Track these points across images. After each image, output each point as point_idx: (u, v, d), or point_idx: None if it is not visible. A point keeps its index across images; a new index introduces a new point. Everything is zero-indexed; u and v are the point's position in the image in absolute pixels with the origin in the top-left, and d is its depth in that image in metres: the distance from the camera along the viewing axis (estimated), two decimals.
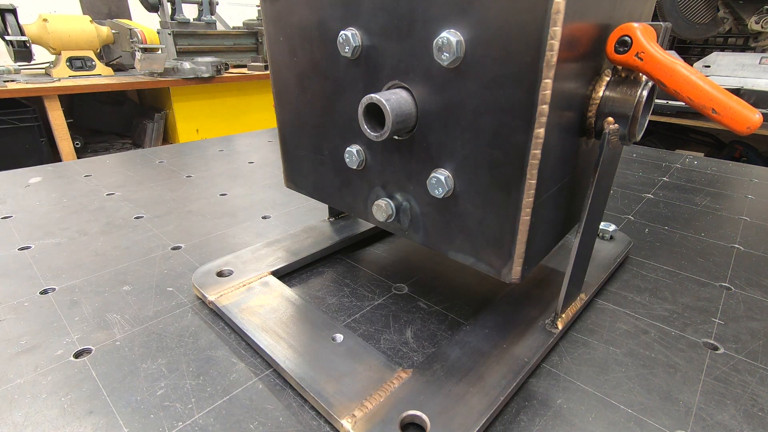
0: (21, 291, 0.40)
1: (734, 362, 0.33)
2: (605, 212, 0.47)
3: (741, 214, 0.60)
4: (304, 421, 0.27)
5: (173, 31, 2.06)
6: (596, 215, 0.33)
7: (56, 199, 0.62)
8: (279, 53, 0.35)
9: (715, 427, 0.28)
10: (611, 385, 0.31)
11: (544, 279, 0.40)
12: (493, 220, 0.27)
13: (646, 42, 0.25)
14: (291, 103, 0.37)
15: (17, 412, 0.28)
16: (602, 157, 0.28)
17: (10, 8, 1.64)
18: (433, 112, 0.27)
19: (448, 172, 0.28)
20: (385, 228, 0.34)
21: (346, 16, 0.29)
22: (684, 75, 0.25)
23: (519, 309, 0.36)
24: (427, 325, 0.36)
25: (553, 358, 0.33)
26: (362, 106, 0.27)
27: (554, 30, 0.21)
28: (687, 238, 0.53)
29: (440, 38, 0.24)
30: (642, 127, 0.28)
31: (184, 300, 0.39)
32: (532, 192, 0.25)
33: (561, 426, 0.27)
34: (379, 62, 0.28)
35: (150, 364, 0.31)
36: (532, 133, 0.24)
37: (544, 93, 0.22)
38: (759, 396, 0.30)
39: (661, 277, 0.44)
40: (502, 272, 0.28)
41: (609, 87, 0.28)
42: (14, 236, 0.51)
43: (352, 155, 0.33)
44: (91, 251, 0.48)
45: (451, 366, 0.30)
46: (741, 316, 0.38)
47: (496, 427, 0.27)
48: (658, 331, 0.36)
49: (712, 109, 0.24)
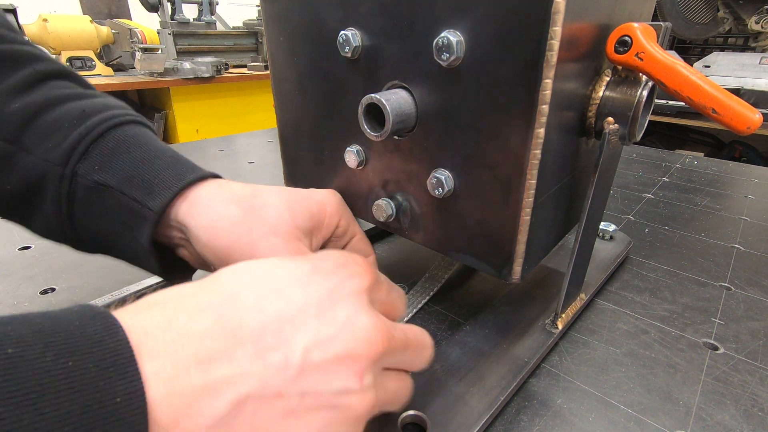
0: (21, 291, 0.40)
1: (734, 362, 0.33)
2: (605, 212, 0.47)
3: (741, 214, 0.60)
4: None
5: (173, 31, 2.06)
6: (596, 215, 0.33)
7: None
8: (279, 53, 0.35)
9: (715, 427, 0.28)
10: (611, 385, 0.31)
11: (544, 279, 0.40)
12: (493, 220, 0.27)
13: (646, 42, 0.25)
14: (291, 103, 0.37)
15: None
16: (602, 157, 0.28)
17: (10, 8, 1.64)
18: (433, 112, 0.27)
19: (448, 172, 0.28)
20: (385, 228, 0.34)
21: (346, 16, 0.29)
22: (684, 75, 0.25)
23: (519, 309, 0.36)
24: (427, 325, 0.36)
25: (553, 358, 0.33)
26: (362, 106, 0.27)
27: (554, 30, 0.21)
28: (687, 238, 0.53)
29: (440, 38, 0.24)
30: (642, 127, 0.28)
31: None
32: (532, 192, 0.25)
33: (561, 426, 0.27)
34: (379, 62, 0.28)
35: None
36: (532, 133, 0.24)
37: (544, 93, 0.23)
38: (759, 396, 0.30)
39: (661, 277, 0.44)
40: (502, 272, 0.28)
41: (609, 87, 0.28)
42: (14, 236, 0.51)
43: (352, 155, 0.33)
44: None
45: (451, 366, 0.30)
46: (741, 316, 0.38)
47: (496, 427, 0.27)
48: (658, 331, 0.36)
49: (712, 109, 0.24)
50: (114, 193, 0.27)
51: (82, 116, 0.28)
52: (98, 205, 0.28)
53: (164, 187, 0.27)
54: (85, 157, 0.27)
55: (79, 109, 0.28)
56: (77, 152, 0.27)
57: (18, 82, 0.28)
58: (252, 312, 0.18)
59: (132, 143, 0.29)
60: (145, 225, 0.27)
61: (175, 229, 0.29)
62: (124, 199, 0.27)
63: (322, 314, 0.19)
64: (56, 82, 0.30)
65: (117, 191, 0.27)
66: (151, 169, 0.28)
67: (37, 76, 0.29)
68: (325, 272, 0.21)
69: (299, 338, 0.18)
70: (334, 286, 0.20)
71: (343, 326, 0.19)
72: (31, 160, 0.27)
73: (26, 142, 0.27)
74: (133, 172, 0.28)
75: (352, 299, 0.20)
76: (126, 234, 0.28)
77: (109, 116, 0.29)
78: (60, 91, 0.29)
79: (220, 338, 0.17)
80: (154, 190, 0.27)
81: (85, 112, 0.28)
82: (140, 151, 0.28)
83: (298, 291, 0.19)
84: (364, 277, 0.21)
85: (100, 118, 0.28)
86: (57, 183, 0.27)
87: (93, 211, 0.28)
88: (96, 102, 0.30)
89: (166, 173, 0.28)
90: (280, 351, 0.17)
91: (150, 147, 0.29)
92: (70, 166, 0.27)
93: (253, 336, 0.17)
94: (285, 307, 0.18)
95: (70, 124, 0.28)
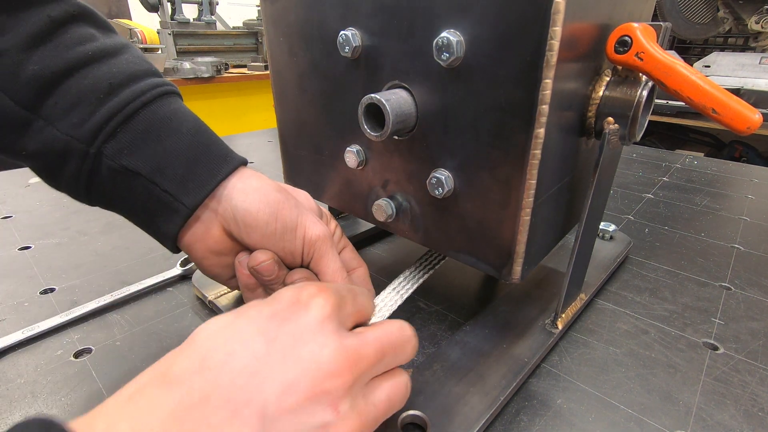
0: (21, 291, 0.40)
1: (734, 362, 0.33)
2: (605, 212, 0.47)
3: (741, 214, 0.60)
4: None
5: (173, 31, 2.05)
6: (596, 215, 0.33)
7: (56, 199, 0.62)
8: (279, 53, 0.35)
9: (715, 427, 0.28)
10: (611, 385, 0.31)
11: (544, 279, 0.40)
12: (493, 220, 0.27)
13: (646, 42, 0.25)
14: (291, 103, 0.37)
15: (17, 412, 0.28)
16: (602, 157, 0.28)
17: None
18: (433, 112, 0.27)
19: (448, 172, 0.28)
20: (385, 228, 0.34)
21: (346, 16, 0.29)
22: (684, 75, 0.25)
23: (519, 309, 0.36)
24: (427, 325, 0.36)
25: (553, 358, 0.33)
26: (362, 106, 0.27)
27: (554, 30, 0.21)
28: (687, 238, 0.53)
29: (440, 38, 0.24)
30: (642, 127, 0.28)
31: (184, 300, 0.39)
32: (532, 192, 0.25)
33: (561, 426, 0.27)
34: (379, 62, 0.28)
35: (150, 364, 0.31)
36: (532, 133, 0.24)
37: (544, 93, 0.23)
38: (759, 396, 0.30)
39: (661, 277, 0.44)
40: (502, 272, 0.28)
41: (609, 87, 0.28)
42: (14, 236, 0.51)
43: (352, 155, 0.33)
44: (91, 251, 0.48)
45: (451, 366, 0.30)
46: (741, 316, 0.38)
47: (496, 427, 0.27)
48: (658, 331, 0.36)
49: (712, 109, 0.24)
50: (144, 182, 0.27)
51: (109, 90, 0.27)
52: (124, 188, 0.28)
53: (199, 183, 0.28)
54: (113, 138, 0.27)
55: (105, 79, 0.27)
56: (104, 132, 0.26)
57: (32, 33, 0.25)
58: (222, 373, 0.18)
59: (163, 128, 0.28)
60: (176, 216, 0.28)
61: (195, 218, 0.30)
62: (155, 189, 0.28)
63: (286, 358, 0.19)
64: (73, 30, 0.27)
65: (148, 180, 0.27)
66: (185, 162, 0.28)
67: (52, 23, 0.26)
68: (282, 315, 0.21)
69: (268, 388, 0.18)
70: (294, 326, 0.20)
71: (308, 364, 0.19)
72: (53, 133, 0.26)
73: (47, 111, 0.26)
74: (165, 162, 0.28)
75: (314, 334, 0.20)
76: (149, 218, 0.29)
77: (138, 92, 0.27)
78: (80, 48, 0.27)
79: (187, 420, 0.17)
80: (187, 186, 0.28)
81: (112, 85, 0.27)
82: (172, 139, 0.28)
83: (260, 341, 0.19)
84: (323, 306, 0.21)
85: (129, 94, 0.27)
86: (80, 160, 0.27)
87: (116, 192, 0.28)
88: (122, 66, 0.28)
89: (200, 167, 0.29)
90: (253, 405, 0.18)
91: (182, 130, 0.29)
92: (96, 145, 0.26)
93: (224, 397, 0.18)
94: (250, 362, 0.19)
95: (96, 98, 0.26)
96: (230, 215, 0.29)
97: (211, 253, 0.31)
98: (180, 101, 0.31)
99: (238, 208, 0.29)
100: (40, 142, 0.26)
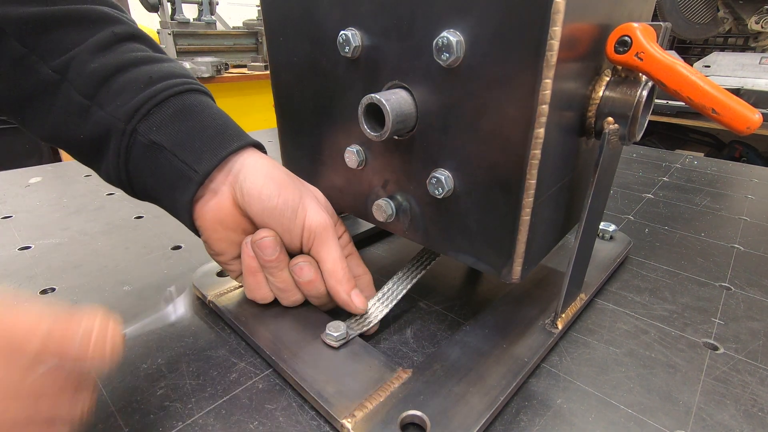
0: (21, 291, 0.40)
1: (734, 362, 0.33)
2: (605, 212, 0.47)
3: (741, 214, 0.60)
4: (303, 421, 0.27)
5: (173, 31, 2.05)
6: (596, 215, 0.33)
7: (56, 199, 0.62)
8: (279, 53, 0.35)
9: (715, 427, 0.28)
10: (611, 385, 0.31)
11: (544, 279, 0.40)
12: (493, 220, 0.27)
13: (646, 42, 0.25)
14: (291, 103, 0.37)
15: None
16: (602, 157, 0.28)
17: None
18: (433, 112, 0.27)
19: (448, 172, 0.28)
20: (385, 228, 0.34)
21: (346, 15, 0.29)
22: (684, 75, 0.25)
23: (519, 309, 0.36)
24: (427, 325, 0.36)
25: (553, 358, 0.33)
26: (362, 106, 0.27)
27: (554, 30, 0.21)
28: (687, 238, 0.53)
29: (440, 38, 0.24)
30: (642, 127, 0.28)
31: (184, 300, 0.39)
32: (532, 192, 0.25)
33: (561, 426, 0.27)
34: (379, 62, 0.29)
35: (150, 364, 0.31)
36: (532, 133, 0.24)
37: (544, 93, 0.23)
38: (759, 396, 0.30)
39: (661, 277, 0.44)
40: (502, 272, 0.28)
41: (609, 87, 0.28)
42: (14, 236, 0.51)
43: (352, 155, 0.33)
44: (91, 251, 0.48)
45: (451, 366, 0.30)
46: (741, 316, 0.38)
47: (496, 427, 0.27)
48: (658, 331, 0.36)
49: (712, 109, 0.24)
50: (167, 154, 0.32)
51: (149, 81, 0.32)
52: (151, 160, 0.32)
53: (212, 154, 0.32)
54: (146, 118, 0.31)
55: (147, 74, 0.32)
56: (140, 113, 0.31)
57: (99, 42, 0.32)
58: None
59: (188, 111, 0.33)
60: (190, 184, 0.32)
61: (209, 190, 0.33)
62: (174, 160, 0.32)
63: None
64: (131, 45, 0.34)
65: (170, 153, 0.32)
66: (202, 138, 0.32)
67: (115, 38, 0.33)
68: None
69: None
70: None
71: None
72: (102, 115, 0.31)
73: (100, 98, 0.31)
74: (186, 138, 0.32)
75: None
76: (170, 191, 0.33)
77: (172, 84, 0.33)
78: (133, 54, 0.33)
79: None
80: (202, 156, 0.32)
81: (152, 78, 0.32)
82: (194, 121, 0.33)
83: None
84: None
85: (164, 85, 0.32)
86: (119, 137, 0.31)
87: (145, 166, 0.32)
88: (163, 68, 0.33)
89: (215, 142, 0.32)
90: None
91: (204, 115, 0.33)
92: (132, 123, 0.31)
93: None
94: None
95: (138, 87, 0.32)
96: (239, 187, 0.32)
97: (220, 225, 0.33)
98: (210, 100, 0.35)
99: (246, 179, 0.32)
100: (94, 123, 0.31)
